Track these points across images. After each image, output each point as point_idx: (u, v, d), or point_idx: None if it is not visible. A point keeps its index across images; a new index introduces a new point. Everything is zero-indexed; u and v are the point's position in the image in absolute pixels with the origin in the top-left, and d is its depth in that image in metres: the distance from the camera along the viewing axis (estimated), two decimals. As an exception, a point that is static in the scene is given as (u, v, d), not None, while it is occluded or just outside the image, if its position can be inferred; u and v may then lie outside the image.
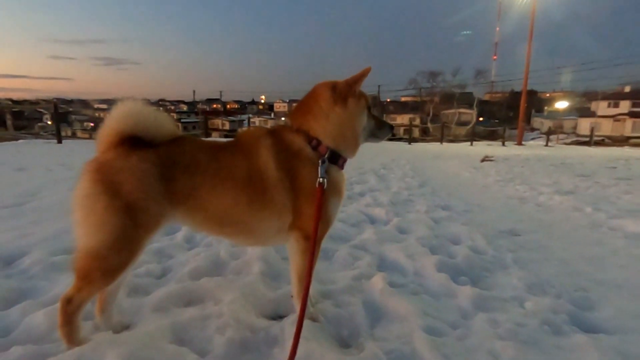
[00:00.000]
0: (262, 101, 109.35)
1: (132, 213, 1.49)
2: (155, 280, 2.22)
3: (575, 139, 42.30)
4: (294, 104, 1.95)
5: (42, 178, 5.53)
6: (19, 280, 2.15)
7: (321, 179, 1.65)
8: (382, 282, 2.15)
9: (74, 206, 1.49)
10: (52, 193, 4.42)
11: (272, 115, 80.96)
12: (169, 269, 2.38)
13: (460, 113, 55.01)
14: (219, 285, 2.10)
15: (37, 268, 2.30)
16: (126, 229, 1.48)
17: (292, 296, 1.91)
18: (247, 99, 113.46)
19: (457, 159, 12.86)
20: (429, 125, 45.64)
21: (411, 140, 23.41)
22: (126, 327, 1.75)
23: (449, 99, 56.42)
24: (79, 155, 8.39)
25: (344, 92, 1.73)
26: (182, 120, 64.67)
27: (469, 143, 25.52)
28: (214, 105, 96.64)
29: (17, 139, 13.16)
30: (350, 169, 7.94)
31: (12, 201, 3.96)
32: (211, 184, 1.63)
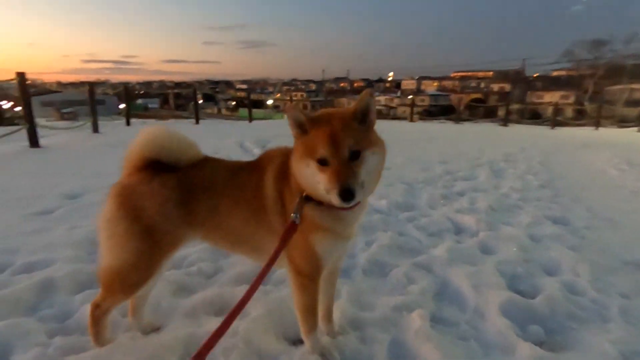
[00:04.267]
0: (390, 79, 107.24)
1: (152, 236, 1.58)
2: (204, 280, 2.35)
3: None
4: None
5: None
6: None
7: (293, 215, 1.49)
8: (420, 320, 1.90)
9: (98, 227, 1.61)
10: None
11: (399, 93, 78.88)
12: (220, 269, 2.50)
13: (632, 90, 44.53)
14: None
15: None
16: (145, 251, 1.58)
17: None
18: (375, 77, 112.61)
19: (611, 150, 10.52)
20: (586, 105, 38.36)
21: (555, 123, 20.02)
22: (156, 329, 1.88)
23: (617, 73, 46.05)
24: (202, 138, 9.55)
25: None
26: (311, 100, 68.16)
27: (637, 129, 20.61)
28: (341, 84, 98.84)
29: (174, 117, 15.03)
30: (464, 161, 7.25)
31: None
32: (226, 205, 1.65)
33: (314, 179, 1.39)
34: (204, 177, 1.68)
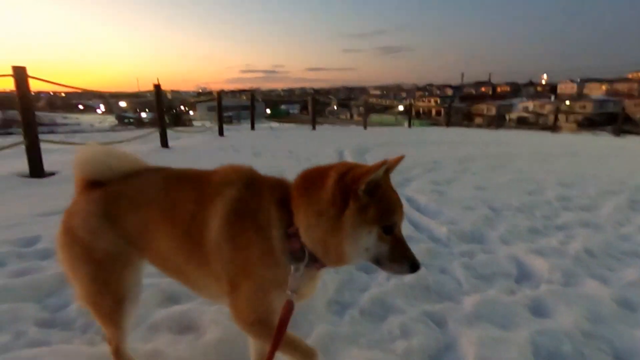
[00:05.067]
0: (544, 82, 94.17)
1: (93, 256, 1.46)
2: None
3: None
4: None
5: (261, 164, 6.77)
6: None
7: (289, 292, 1.27)
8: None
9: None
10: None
11: (553, 98, 68.77)
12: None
13: None
14: (218, 318, 2.01)
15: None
16: (96, 274, 1.48)
17: None
18: (524, 80, 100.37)
19: None
20: None
21: None
22: None
23: None
24: (305, 144, 9.87)
25: (346, 189, 1.19)
26: (445, 106, 64.70)
27: None
28: (482, 89, 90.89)
29: (303, 122, 16.87)
30: (595, 185, 5.85)
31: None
32: (153, 223, 1.46)
33: (367, 245, 1.24)
34: (129, 188, 1.51)
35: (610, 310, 2.27)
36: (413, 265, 1.27)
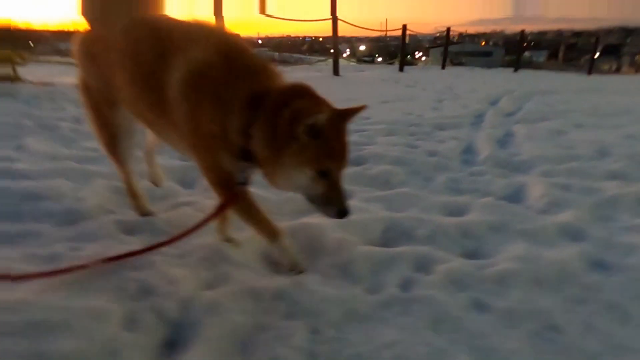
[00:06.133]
0: None
1: (91, 99, 1.70)
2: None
3: None
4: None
5: (409, 92, 7.12)
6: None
7: (238, 185, 1.41)
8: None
9: None
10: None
11: None
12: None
13: None
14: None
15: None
16: (94, 115, 1.71)
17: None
18: None
19: None
20: None
21: None
22: (160, 183, 2.09)
23: None
24: (471, 85, 8.99)
25: (292, 127, 1.21)
26: None
27: None
28: None
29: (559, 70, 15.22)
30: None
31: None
32: (118, 67, 1.51)
33: (300, 183, 1.30)
34: (107, 31, 1.57)
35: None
36: (340, 212, 1.28)
